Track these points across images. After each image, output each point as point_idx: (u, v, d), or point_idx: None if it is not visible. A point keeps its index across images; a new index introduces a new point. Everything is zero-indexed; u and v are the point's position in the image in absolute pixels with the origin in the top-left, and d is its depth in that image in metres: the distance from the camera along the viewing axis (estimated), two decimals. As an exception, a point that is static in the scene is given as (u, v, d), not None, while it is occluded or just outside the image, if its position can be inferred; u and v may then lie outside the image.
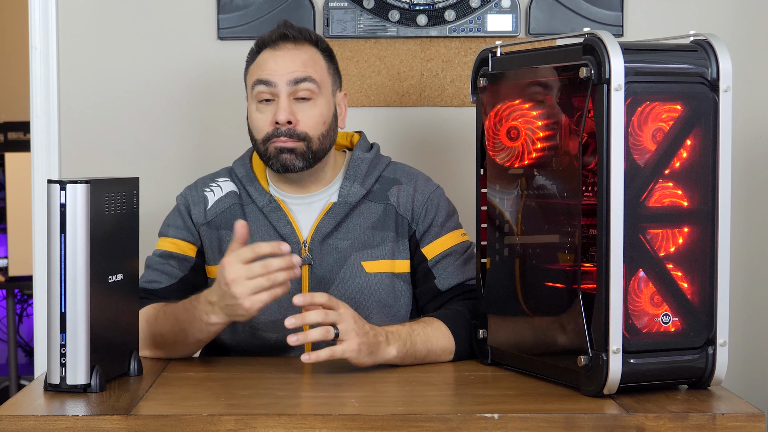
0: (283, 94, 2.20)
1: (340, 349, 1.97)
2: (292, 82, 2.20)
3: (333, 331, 1.96)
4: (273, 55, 2.23)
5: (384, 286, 2.25)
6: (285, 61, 2.22)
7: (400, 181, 2.31)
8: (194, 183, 2.36)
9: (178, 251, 2.28)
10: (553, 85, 1.92)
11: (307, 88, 2.21)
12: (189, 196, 2.33)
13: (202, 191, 2.32)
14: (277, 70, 2.21)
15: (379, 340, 2.02)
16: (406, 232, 2.28)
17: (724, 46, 1.86)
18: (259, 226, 2.26)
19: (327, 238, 2.24)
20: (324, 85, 2.24)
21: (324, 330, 1.96)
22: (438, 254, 2.27)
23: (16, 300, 5.14)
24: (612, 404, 1.79)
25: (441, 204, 2.30)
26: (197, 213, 2.30)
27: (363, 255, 2.25)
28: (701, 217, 1.86)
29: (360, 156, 2.31)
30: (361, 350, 1.98)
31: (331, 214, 2.25)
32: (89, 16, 2.79)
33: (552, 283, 1.94)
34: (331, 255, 2.24)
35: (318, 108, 2.22)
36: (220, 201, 2.30)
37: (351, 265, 2.24)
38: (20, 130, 5.65)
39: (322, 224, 2.25)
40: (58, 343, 1.83)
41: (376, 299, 2.24)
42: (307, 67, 2.22)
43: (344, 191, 2.27)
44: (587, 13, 2.76)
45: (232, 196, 2.30)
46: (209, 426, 1.72)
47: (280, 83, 2.20)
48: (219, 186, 2.32)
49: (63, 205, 1.82)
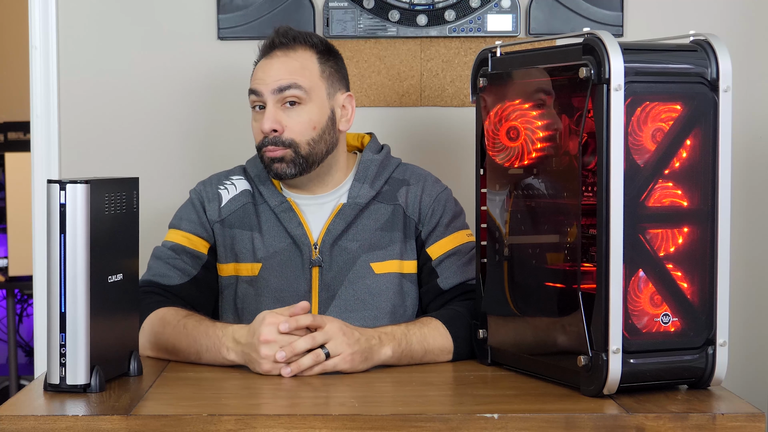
0: (269, 103, 2.24)
1: (331, 363, 1.98)
2: (276, 91, 2.24)
3: (323, 353, 1.98)
4: (264, 65, 2.28)
5: (392, 287, 2.26)
6: (272, 70, 2.26)
7: (408, 182, 2.32)
8: (208, 179, 2.37)
9: (191, 246, 2.29)
10: (553, 85, 1.92)
11: (292, 94, 2.24)
12: (204, 192, 2.34)
13: (216, 188, 2.33)
14: (263, 79, 2.25)
15: (372, 344, 2.02)
16: (413, 232, 2.30)
17: (724, 46, 1.86)
18: (271, 227, 2.28)
19: (337, 240, 2.26)
20: (314, 90, 2.26)
21: (314, 355, 1.98)
22: (442, 254, 2.28)
23: (16, 300, 5.14)
24: (612, 404, 1.79)
25: (448, 205, 2.32)
26: (212, 210, 2.31)
27: (372, 256, 2.26)
28: (701, 217, 1.86)
29: (370, 158, 2.33)
30: (353, 360, 1.99)
31: (341, 215, 2.27)
32: (89, 16, 2.79)
33: (552, 283, 1.94)
34: (341, 256, 2.25)
35: (306, 114, 2.24)
36: (234, 199, 2.31)
37: (360, 266, 2.25)
38: (20, 130, 5.65)
39: (333, 226, 2.26)
40: (57, 343, 1.83)
41: (384, 299, 2.25)
42: (294, 73, 2.24)
43: (353, 192, 2.28)
44: (587, 13, 2.76)
45: (246, 195, 2.31)
46: (209, 426, 1.72)
47: (266, 92, 2.24)
48: (233, 184, 2.33)
49: (63, 205, 1.82)
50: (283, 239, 2.27)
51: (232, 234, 2.29)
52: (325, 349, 1.98)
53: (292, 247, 2.26)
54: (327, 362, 1.98)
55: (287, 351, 1.96)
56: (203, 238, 2.30)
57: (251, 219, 2.29)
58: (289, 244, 2.26)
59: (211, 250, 2.31)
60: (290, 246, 2.26)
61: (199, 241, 2.30)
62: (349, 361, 1.99)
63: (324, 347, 1.98)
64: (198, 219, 2.31)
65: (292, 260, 2.26)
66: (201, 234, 2.30)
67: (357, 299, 2.23)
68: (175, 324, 2.11)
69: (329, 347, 1.98)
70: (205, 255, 2.30)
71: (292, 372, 1.96)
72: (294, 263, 2.25)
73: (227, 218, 2.30)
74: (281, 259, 2.26)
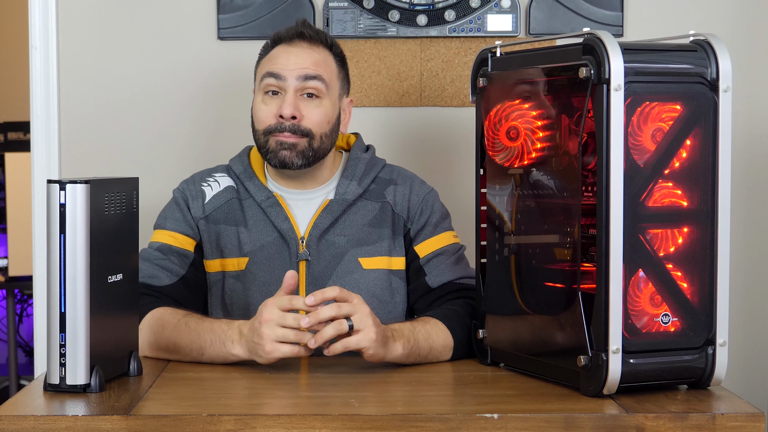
0: (290, 89, 2.23)
1: (354, 339, 1.94)
2: (302, 78, 2.23)
3: (347, 324, 1.94)
4: (286, 51, 2.27)
5: (381, 282, 2.26)
6: (297, 58, 2.25)
7: (396, 182, 2.34)
8: (191, 177, 2.37)
9: (177, 245, 2.28)
10: (553, 85, 1.92)
11: (315, 86, 2.24)
12: (187, 190, 2.34)
13: (199, 186, 2.33)
14: (288, 65, 2.24)
15: (388, 336, 2.02)
16: (401, 230, 2.30)
17: (723, 46, 1.86)
18: (257, 221, 2.28)
19: (324, 234, 2.26)
20: (332, 88, 2.27)
21: (337, 324, 1.93)
22: (430, 252, 2.29)
23: (16, 300, 5.14)
24: (612, 404, 1.79)
25: (435, 206, 2.34)
26: (195, 207, 2.31)
27: (360, 251, 2.26)
28: (701, 217, 1.86)
29: (357, 156, 2.34)
30: (377, 339, 1.96)
31: (329, 210, 2.27)
32: (89, 16, 2.79)
33: (552, 283, 1.94)
34: (328, 251, 2.25)
35: (323, 108, 2.25)
36: (218, 195, 2.31)
37: (348, 261, 2.25)
38: (20, 130, 5.65)
39: (320, 220, 2.26)
40: (57, 343, 1.83)
41: (372, 295, 2.24)
42: (318, 66, 2.25)
43: (341, 189, 2.29)
44: (587, 13, 2.76)
45: (230, 191, 2.31)
46: (209, 426, 1.72)
47: (290, 77, 2.23)
48: (216, 181, 2.34)
49: (63, 205, 1.82)
50: (269, 233, 2.26)
51: (217, 230, 2.29)
52: (350, 321, 1.94)
53: (279, 241, 2.26)
54: (350, 339, 1.94)
55: (312, 318, 1.92)
56: (189, 236, 2.30)
57: (236, 214, 2.29)
58: (276, 238, 2.26)
59: (197, 248, 2.30)
60: (277, 240, 2.26)
61: (185, 240, 2.29)
62: (373, 339, 1.95)
63: (349, 320, 1.95)
64: (183, 217, 2.31)
65: (279, 254, 2.26)
66: (187, 232, 2.30)
67: None
68: (176, 323, 2.11)
69: (354, 320, 1.94)
70: (192, 253, 2.29)
71: (315, 343, 1.93)
72: (281, 257, 2.25)
73: (212, 214, 2.30)
74: (268, 252, 2.26)
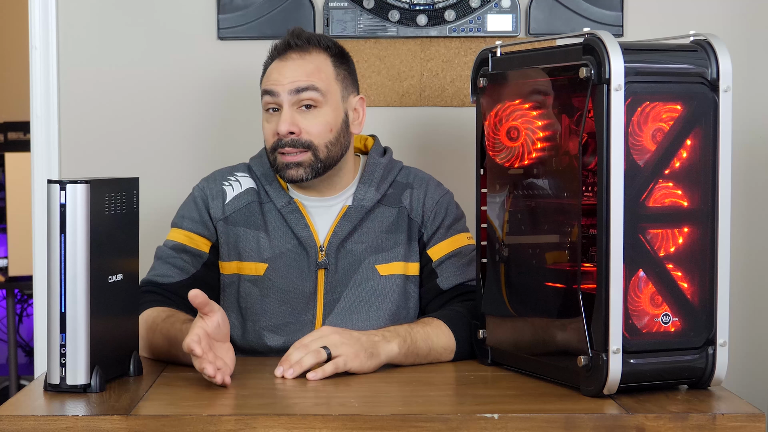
0: (285, 104, 2.23)
1: (341, 361, 1.98)
2: (294, 92, 2.22)
3: (324, 352, 1.97)
4: (278, 66, 2.27)
5: (397, 288, 2.27)
6: (289, 71, 2.24)
7: (412, 186, 2.33)
8: (212, 175, 2.36)
9: (192, 245, 2.28)
10: (553, 86, 1.92)
11: (310, 96, 2.23)
12: (207, 188, 2.33)
13: (220, 184, 2.33)
14: (280, 80, 2.24)
15: (375, 340, 2.03)
16: (416, 235, 2.31)
17: (724, 46, 1.86)
18: (277, 227, 2.27)
19: (344, 242, 2.26)
20: (330, 92, 2.25)
21: (315, 353, 1.97)
22: (443, 255, 2.29)
23: (16, 300, 5.14)
24: (612, 404, 1.79)
25: (450, 208, 2.33)
26: (215, 207, 2.30)
27: (377, 258, 2.26)
28: (701, 217, 1.86)
29: (375, 161, 2.33)
30: (359, 355, 1.99)
31: (347, 218, 2.27)
32: (89, 16, 2.79)
33: (552, 283, 1.94)
34: (346, 258, 2.26)
35: (323, 116, 2.24)
36: (239, 197, 2.31)
37: (365, 268, 2.26)
38: (20, 130, 5.65)
39: (339, 228, 2.26)
40: (58, 343, 1.83)
41: (388, 301, 2.25)
42: (311, 75, 2.24)
43: (359, 195, 2.29)
44: (587, 13, 2.76)
45: (252, 193, 2.31)
46: (209, 426, 1.72)
47: (283, 93, 2.23)
48: (238, 181, 2.33)
49: (63, 205, 1.82)
50: (289, 240, 2.26)
51: (236, 232, 2.28)
52: (327, 349, 1.98)
53: (299, 249, 2.26)
54: (337, 360, 1.97)
55: (295, 369, 1.96)
56: (205, 236, 2.30)
57: (257, 218, 2.29)
58: (296, 246, 2.26)
59: (212, 248, 2.30)
60: (296, 247, 2.26)
61: (200, 240, 2.29)
62: (353, 356, 1.98)
63: (326, 348, 1.98)
64: (200, 217, 2.30)
65: (297, 262, 2.25)
66: (203, 232, 2.30)
67: (361, 301, 2.24)
68: (154, 326, 2.12)
69: (328, 344, 1.98)
70: (206, 253, 2.29)
71: (294, 373, 1.96)
72: (300, 265, 2.25)
73: (231, 216, 2.29)
74: (287, 260, 2.25)
